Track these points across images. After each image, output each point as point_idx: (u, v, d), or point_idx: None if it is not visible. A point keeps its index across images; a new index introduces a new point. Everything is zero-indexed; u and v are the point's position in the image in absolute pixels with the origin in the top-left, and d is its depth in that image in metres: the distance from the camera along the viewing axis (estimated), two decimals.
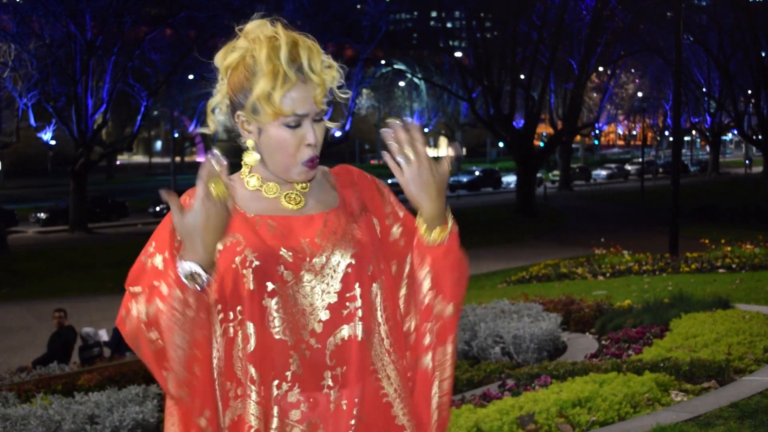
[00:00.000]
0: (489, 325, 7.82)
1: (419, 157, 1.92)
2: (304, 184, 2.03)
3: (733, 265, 13.51)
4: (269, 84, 1.90)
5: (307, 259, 1.93)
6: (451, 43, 46.34)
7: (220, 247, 1.90)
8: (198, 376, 1.90)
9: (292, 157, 1.95)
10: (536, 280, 15.58)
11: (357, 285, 1.95)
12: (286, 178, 2.00)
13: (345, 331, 1.93)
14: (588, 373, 5.78)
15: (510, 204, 40.36)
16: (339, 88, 2.00)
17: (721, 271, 13.38)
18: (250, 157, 2.01)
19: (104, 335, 12.65)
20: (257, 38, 1.93)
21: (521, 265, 19.61)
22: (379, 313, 1.99)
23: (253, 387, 1.90)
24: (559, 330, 7.96)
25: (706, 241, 17.61)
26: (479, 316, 8.30)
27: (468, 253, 2.06)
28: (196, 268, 1.79)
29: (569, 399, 5.02)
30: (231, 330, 1.92)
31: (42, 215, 37.34)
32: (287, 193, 2.01)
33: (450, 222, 2.02)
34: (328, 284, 1.94)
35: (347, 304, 1.94)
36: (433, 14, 47.07)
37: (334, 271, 1.94)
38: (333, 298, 1.93)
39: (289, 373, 1.90)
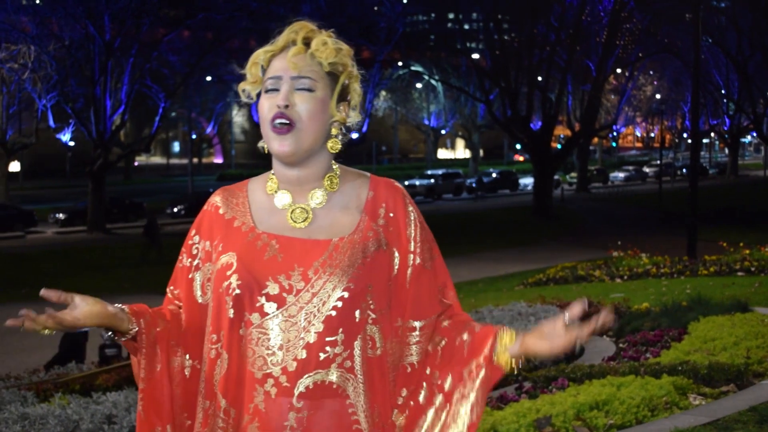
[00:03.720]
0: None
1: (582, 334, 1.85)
2: (321, 198, 1.96)
3: (752, 268, 13.43)
4: (258, 52, 1.98)
5: (293, 292, 1.87)
6: (468, 44, 46.27)
7: (217, 266, 1.94)
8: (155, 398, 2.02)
9: (266, 122, 1.93)
10: (553, 282, 15.52)
11: (341, 330, 1.87)
12: (274, 154, 1.96)
13: (319, 376, 1.85)
14: (605, 376, 5.75)
15: (527, 206, 40.27)
16: (335, 76, 1.97)
17: (739, 274, 13.31)
18: (262, 145, 2.01)
19: None
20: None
21: (538, 268, 19.53)
22: (365, 363, 1.91)
23: (220, 414, 1.92)
24: None
25: (725, 244, 17.50)
26: (496, 318, 8.29)
27: (485, 255, 2.06)
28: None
29: (586, 402, 5.00)
30: (213, 352, 1.94)
31: (60, 216, 37.52)
32: (293, 209, 1.96)
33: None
34: (309, 322, 1.86)
35: (327, 348, 1.86)
36: (450, 16, 47.09)
37: (318, 310, 1.86)
38: (312, 338, 1.85)
39: (252, 406, 1.87)
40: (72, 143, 44.45)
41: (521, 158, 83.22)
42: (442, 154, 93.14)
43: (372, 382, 1.92)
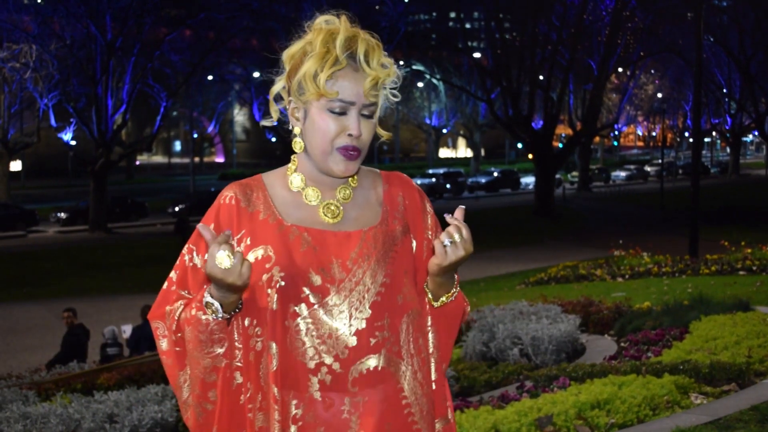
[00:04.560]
0: (507, 326, 7.80)
1: (464, 242, 1.90)
2: (345, 194, 2.00)
3: (754, 268, 13.41)
4: (318, 63, 1.90)
5: (336, 282, 1.90)
6: (469, 44, 46.23)
7: (251, 259, 1.92)
8: (213, 402, 1.98)
9: (330, 143, 1.92)
10: (555, 281, 15.52)
11: (386, 315, 1.92)
12: (324, 168, 1.96)
13: (372, 361, 1.90)
14: (607, 375, 5.75)
15: (528, 205, 40.28)
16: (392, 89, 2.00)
17: (741, 273, 13.29)
18: (296, 144, 2.00)
19: (128, 330, 12.70)
20: (320, 28, 1.94)
21: (540, 267, 19.55)
22: (411, 345, 1.97)
23: (276, 407, 1.91)
24: (577, 332, 7.93)
25: (726, 243, 17.48)
26: (497, 317, 8.29)
27: (486, 255, 2.09)
28: (214, 303, 1.86)
29: (588, 401, 5.00)
30: (259, 344, 1.93)
31: (62, 215, 37.56)
32: (326, 204, 1.98)
33: (455, 288, 2.04)
34: (356, 309, 1.90)
35: (376, 333, 1.91)
36: (452, 15, 47.03)
37: (363, 297, 1.90)
38: (362, 324, 1.90)
39: (307, 395, 1.89)
40: (73, 142, 44.45)
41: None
42: (444, 153, 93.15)
43: (418, 362, 1.98)
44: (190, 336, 1.92)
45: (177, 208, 39.56)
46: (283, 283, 1.89)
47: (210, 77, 45.21)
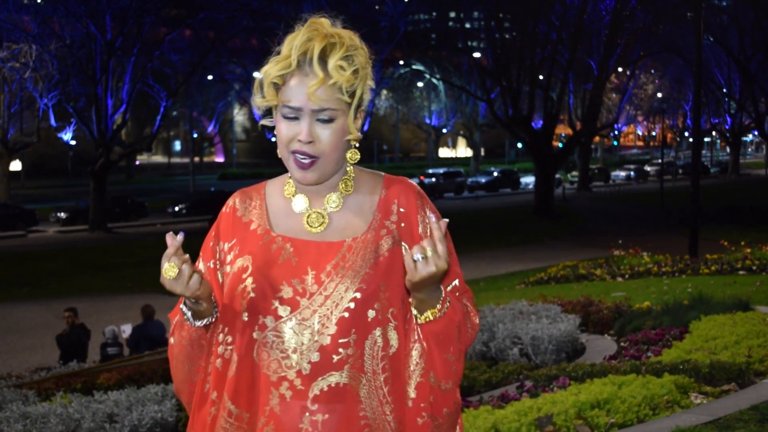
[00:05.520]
0: (507, 326, 7.80)
1: (436, 258, 1.77)
2: (336, 201, 1.96)
3: (754, 267, 13.40)
4: (272, 65, 1.89)
5: (307, 296, 1.87)
6: (469, 43, 46.24)
7: (234, 269, 1.95)
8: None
9: (285, 148, 1.90)
10: (555, 281, 15.51)
11: (353, 331, 1.87)
12: (294, 180, 1.95)
13: (333, 378, 1.86)
14: (607, 374, 5.75)
15: (528, 205, 40.28)
16: (352, 93, 1.89)
17: (741, 273, 13.28)
18: (265, 121, 2.00)
19: (128, 330, 12.71)
20: (298, 30, 1.91)
21: (539, 267, 19.53)
22: (376, 362, 1.90)
23: (223, 414, 1.92)
24: (577, 331, 7.93)
25: (726, 242, 17.47)
26: (497, 317, 8.29)
27: (486, 254, 2.05)
28: (186, 312, 1.92)
29: (588, 401, 5.00)
30: (228, 352, 1.95)
31: (62, 215, 37.58)
32: (309, 214, 1.95)
33: (441, 305, 1.89)
34: (323, 325, 1.86)
35: (340, 350, 1.86)
36: (452, 15, 47.05)
37: (331, 312, 1.86)
38: (326, 340, 1.86)
39: (267, 409, 1.88)
40: (73, 142, 44.51)
41: None
42: (444, 153, 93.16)
43: (385, 381, 1.91)
44: (177, 339, 1.99)
45: (177, 208, 39.69)
46: (253, 295, 1.88)
47: (210, 77, 45.26)
